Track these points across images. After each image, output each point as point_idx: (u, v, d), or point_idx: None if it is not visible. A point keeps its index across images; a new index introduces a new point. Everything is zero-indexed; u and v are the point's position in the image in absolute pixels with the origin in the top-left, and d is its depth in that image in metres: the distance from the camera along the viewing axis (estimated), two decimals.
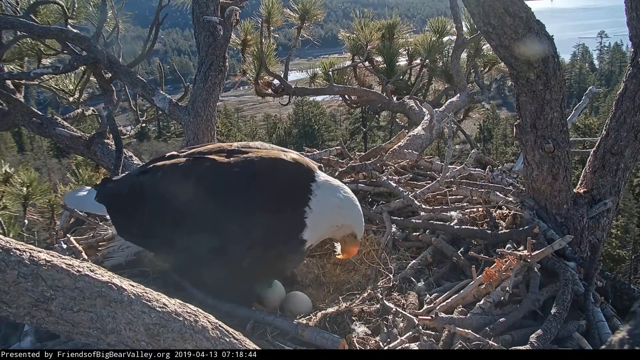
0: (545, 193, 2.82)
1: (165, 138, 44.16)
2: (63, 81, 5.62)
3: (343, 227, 2.41)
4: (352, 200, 2.41)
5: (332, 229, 2.41)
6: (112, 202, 2.53)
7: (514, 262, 2.22)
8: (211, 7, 4.16)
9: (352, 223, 2.40)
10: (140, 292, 1.50)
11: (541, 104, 2.60)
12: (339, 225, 2.40)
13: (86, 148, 4.61)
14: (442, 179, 3.30)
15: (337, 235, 2.48)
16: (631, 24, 2.70)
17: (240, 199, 2.18)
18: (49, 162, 33.37)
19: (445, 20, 6.86)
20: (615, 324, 2.16)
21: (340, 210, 2.35)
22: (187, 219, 2.21)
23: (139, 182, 2.43)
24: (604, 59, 76.99)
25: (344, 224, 2.40)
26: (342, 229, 2.43)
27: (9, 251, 1.35)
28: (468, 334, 1.90)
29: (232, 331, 1.64)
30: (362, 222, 2.45)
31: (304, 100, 37.23)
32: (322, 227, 2.35)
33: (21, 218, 5.14)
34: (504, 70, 6.53)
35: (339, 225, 2.40)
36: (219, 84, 4.11)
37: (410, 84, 7.42)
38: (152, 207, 2.33)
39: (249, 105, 65.14)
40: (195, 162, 2.33)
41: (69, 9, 4.90)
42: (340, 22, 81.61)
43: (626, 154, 2.83)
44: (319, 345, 2.01)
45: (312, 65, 7.12)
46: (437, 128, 5.13)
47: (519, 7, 2.38)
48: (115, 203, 2.51)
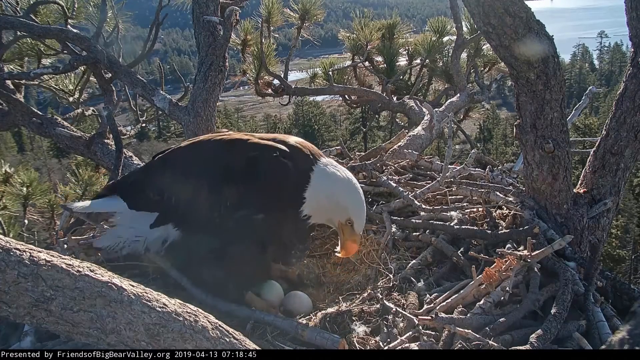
0: (545, 193, 2.82)
1: (165, 138, 44.17)
2: (63, 81, 5.62)
3: (339, 208, 2.42)
4: (352, 183, 2.47)
5: (331, 207, 2.43)
6: (126, 183, 2.72)
7: (514, 262, 2.22)
8: (211, 7, 4.17)
9: (348, 206, 2.42)
10: (140, 292, 1.50)
11: (541, 104, 2.60)
12: (336, 204, 2.41)
13: (86, 148, 4.61)
14: (442, 179, 3.30)
15: (335, 218, 2.46)
16: (631, 24, 2.70)
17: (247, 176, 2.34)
18: (49, 162, 33.38)
19: (445, 20, 6.86)
20: (615, 324, 2.16)
21: (337, 188, 2.42)
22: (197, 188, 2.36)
23: (155, 162, 2.67)
24: (604, 59, 77.01)
25: (341, 205, 2.41)
26: (339, 212, 2.42)
27: (9, 251, 1.35)
28: (468, 334, 1.90)
29: (232, 331, 1.64)
30: (361, 209, 2.47)
31: (304, 100, 37.25)
32: (321, 202, 2.40)
33: (21, 218, 5.13)
34: (504, 70, 6.53)
35: (336, 204, 2.41)
36: (219, 84, 4.12)
37: (410, 84, 7.42)
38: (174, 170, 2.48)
39: (249, 105, 65.14)
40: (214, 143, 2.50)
41: (69, 9, 4.90)
42: (340, 22, 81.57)
43: (626, 154, 2.83)
44: (319, 345, 2.01)
45: (312, 65, 7.12)
46: (437, 128, 5.13)
47: (519, 7, 2.38)
48: (131, 181, 2.71)
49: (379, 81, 7.06)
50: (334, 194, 2.40)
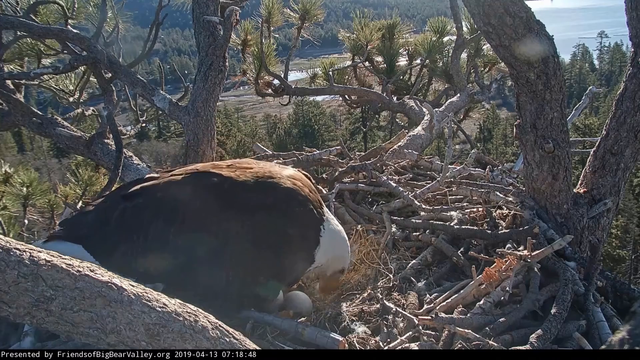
0: (545, 193, 2.82)
1: (165, 138, 44.17)
2: (63, 81, 5.61)
3: (337, 261, 2.50)
4: (345, 236, 2.57)
5: (332, 262, 2.49)
6: (92, 234, 2.17)
7: (514, 262, 2.22)
8: (211, 7, 4.16)
9: (345, 257, 2.54)
10: (140, 292, 1.50)
11: (541, 104, 2.60)
12: (336, 259, 2.49)
13: (86, 148, 4.60)
14: (442, 179, 3.30)
15: (330, 269, 2.52)
16: (631, 24, 2.70)
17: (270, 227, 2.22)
18: (49, 162, 33.39)
19: (445, 20, 6.86)
20: (615, 324, 2.16)
21: (341, 246, 2.51)
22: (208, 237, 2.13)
23: (130, 210, 2.17)
24: (604, 59, 76.97)
25: (338, 259, 2.50)
26: (336, 264, 2.51)
27: (9, 251, 1.35)
28: (468, 334, 1.90)
29: (232, 331, 1.64)
30: (349, 257, 2.60)
31: (304, 100, 37.23)
32: (327, 260, 2.45)
33: (21, 218, 5.13)
34: (504, 70, 6.53)
35: (336, 259, 2.49)
36: (219, 84, 4.11)
37: (410, 84, 7.42)
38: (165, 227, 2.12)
39: (249, 105, 65.15)
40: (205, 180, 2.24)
41: (69, 9, 4.89)
42: (340, 22, 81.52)
43: (626, 154, 2.83)
44: (319, 345, 2.01)
45: (312, 65, 7.13)
46: (437, 128, 5.13)
47: (519, 7, 2.38)
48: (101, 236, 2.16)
49: (379, 81, 7.06)
50: (337, 251, 2.48)
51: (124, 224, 2.16)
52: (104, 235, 2.16)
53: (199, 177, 2.27)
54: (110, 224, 2.17)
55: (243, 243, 2.16)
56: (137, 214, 2.16)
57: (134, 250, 2.11)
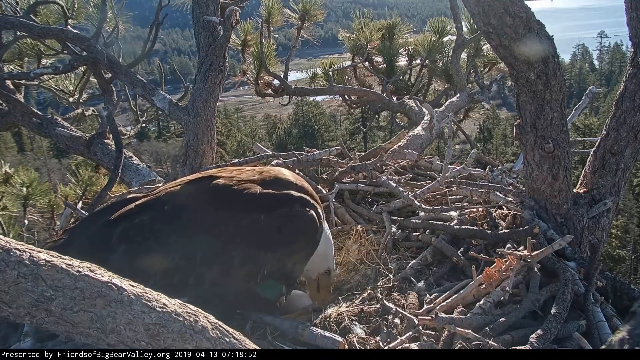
0: (545, 193, 2.82)
1: (165, 138, 44.16)
2: (63, 81, 5.61)
3: (323, 261, 2.49)
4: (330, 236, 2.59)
5: (318, 262, 2.48)
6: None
7: (514, 262, 2.22)
8: (211, 7, 4.16)
9: (329, 256, 2.53)
10: (140, 292, 1.50)
11: (541, 104, 2.60)
12: (322, 259, 2.48)
13: (86, 148, 4.61)
14: (442, 179, 3.30)
15: (316, 271, 2.51)
16: (631, 24, 2.70)
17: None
18: (49, 162, 33.41)
19: (445, 20, 6.86)
20: (615, 324, 2.16)
21: (329, 246, 2.53)
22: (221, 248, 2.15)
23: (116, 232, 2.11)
24: (604, 59, 76.98)
25: (323, 258, 2.49)
26: (321, 264, 2.50)
27: (9, 251, 1.35)
28: (468, 334, 1.90)
29: (232, 331, 1.64)
30: (333, 257, 2.61)
31: (304, 101, 37.26)
32: (315, 261, 2.45)
33: (21, 218, 5.13)
34: (504, 70, 6.53)
35: (322, 259, 2.48)
36: (219, 84, 4.11)
37: (410, 84, 7.42)
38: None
39: (249, 105, 65.15)
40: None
41: (69, 9, 4.90)
42: (340, 22, 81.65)
43: (626, 154, 2.83)
44: (319, 345, 2.01)
45: (312, 65, 7.13)
46: (437, 128, 5.13)
47: (519, 7, 2.38)
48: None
49: (379, 81, 7.06)
50: (325, 252, 2.48)
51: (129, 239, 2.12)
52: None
53: (200, 180, 2.32)
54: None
55: (244, 243, 2.16)
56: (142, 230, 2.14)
57: (134, 250, 2.10)
